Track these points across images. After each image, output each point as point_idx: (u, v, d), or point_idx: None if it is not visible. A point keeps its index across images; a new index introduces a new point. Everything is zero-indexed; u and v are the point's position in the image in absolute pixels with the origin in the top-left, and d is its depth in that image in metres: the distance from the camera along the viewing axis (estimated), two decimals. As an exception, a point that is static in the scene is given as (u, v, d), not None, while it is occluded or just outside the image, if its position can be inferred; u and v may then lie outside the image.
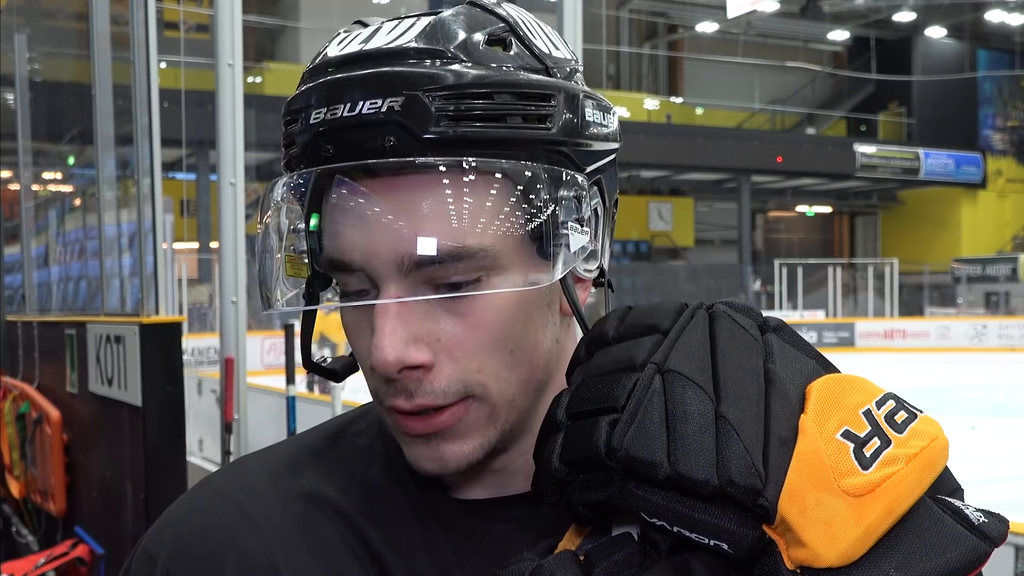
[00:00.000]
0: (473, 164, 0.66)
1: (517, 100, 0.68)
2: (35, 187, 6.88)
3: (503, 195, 0.68)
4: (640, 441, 0.57)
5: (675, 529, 0.58)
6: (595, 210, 0.74)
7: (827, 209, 35.08)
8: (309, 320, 0.79)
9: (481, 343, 0.70)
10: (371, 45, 0.69)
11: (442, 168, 0.66)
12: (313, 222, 0.70)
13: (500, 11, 0.73)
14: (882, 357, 23.59)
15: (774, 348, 0.63)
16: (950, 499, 0.60)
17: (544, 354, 0.74)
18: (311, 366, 0.80)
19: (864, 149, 29.61)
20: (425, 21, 0.70)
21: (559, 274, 0.70)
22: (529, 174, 0.68)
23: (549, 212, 0.69)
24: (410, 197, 0.67)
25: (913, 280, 30.81)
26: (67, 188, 6.26)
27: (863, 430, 0.58)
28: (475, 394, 0.71)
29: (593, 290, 0.81)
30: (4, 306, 6.91)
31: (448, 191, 0.67)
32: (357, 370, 0.81)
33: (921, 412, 0.61)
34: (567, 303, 0.75)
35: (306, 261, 0.73)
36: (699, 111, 32.30)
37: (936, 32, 32.41)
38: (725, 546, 0.57)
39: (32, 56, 6.51)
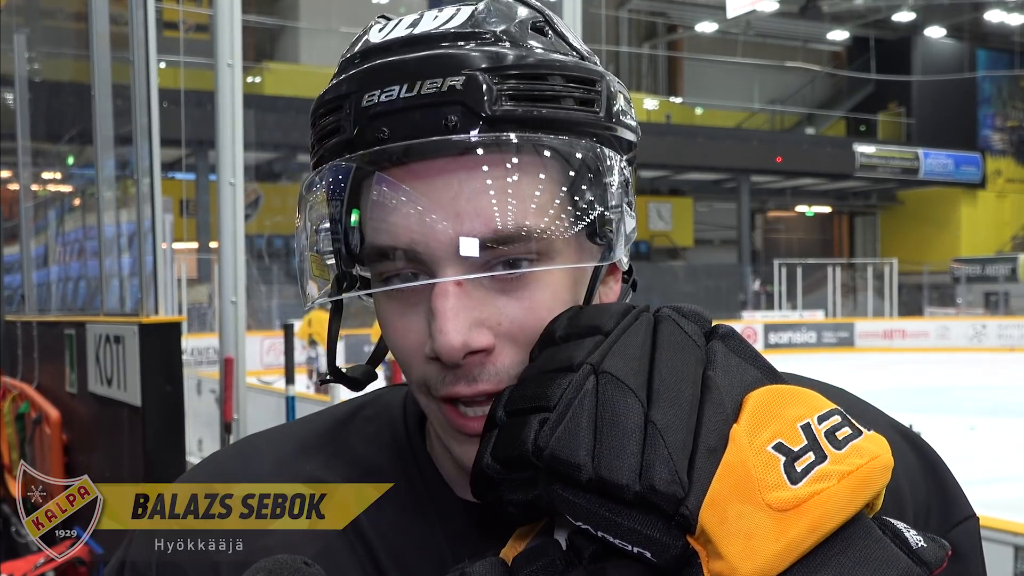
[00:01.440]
0: (532, 143, 0.66)
1: (568, 83, 0.68)
2: (34, 187, 6.88)
3: (561, 175, 0.67)
4: (565, 441, 0.57)
5: (600, 534, 0.57)
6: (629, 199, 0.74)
7: (826, 209, 35.08)
8: (335, 329, 0.78)
9: (541, 327, 0.68)
10: (420, 31, 0.69)
11: (496, 145, 0.65)
12: (354, 217, 0.69)
13: (532, 3, 0.74)
14: (881, 357, 23.58)
15: (717, 356, 0.62)
16: (892, 520, 0.58)
17: None
18: (337, 374, 0.78)
19: (863, 149, 29.61)
20: (468, 9, 0.71)
21: (620, 253, 0.71)
22: (585, 155, 0.68)
23: (605, 193, 0.69)
24: (469, 177, 0.66)
25: (912, 280, 30.80)
26: (66, 188, 6.26)
27: (797, 444, 0.56)
28: None
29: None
30: (4, 306, 6.91)
31: (508, 170, 0.66)
32: (376, 378, 0.80)
33: (868, 431, 0.59)
34: (605, 294, 0.76)
35: (328, 262, 0.71)
36: (698, 111, 32.30)
37: (935, 32, 32.41)
38: (648, 554, 0.56)
39: (31, 56, 6.51)
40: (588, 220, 0.68)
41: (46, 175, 6.86)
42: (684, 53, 32.99)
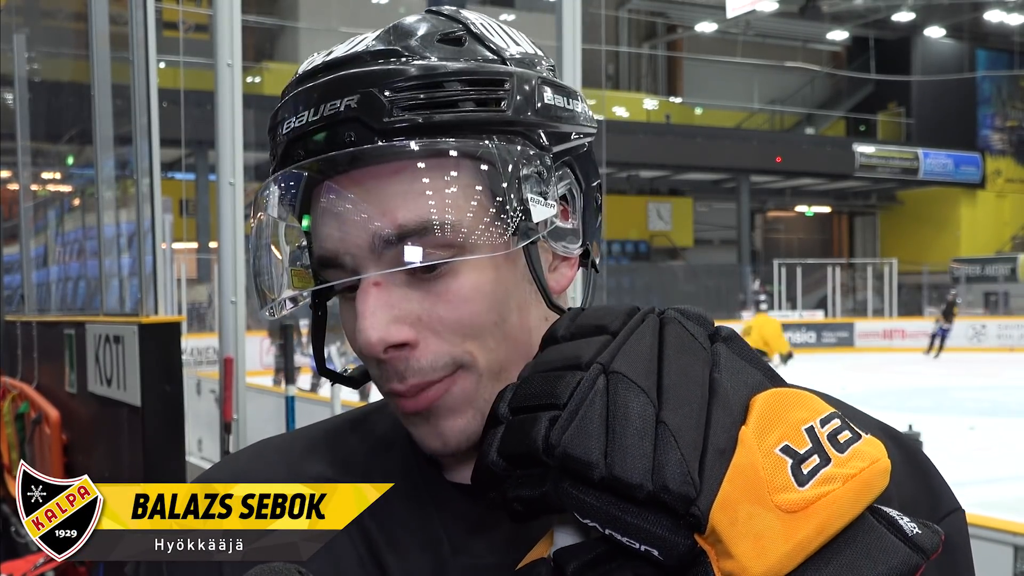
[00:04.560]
0: (416, 147, 0.70)
1: (467, 87, 0.72)
2: (34, 187, 6.88)
3: (459, 172, 0.71)
4: (578, 440, 0.58)
5: (607, 532, 0.58)
6: (570, 189, 0.77)
7: (826, 209, 35.10)
8: (319, 328, 0.82)
9: (462, 318, 0.72)
10: (331, 57, 0.75)
11: (385, 153, 0.70)
12: (301, 226, 0.75)
13: (458, 16, 0.77)
14: (881, 357, 23.59)
15: (721, 358, 0.63)
16: (885, 508, 0.59)
17: (531, 329, 0.76)
18: (326, 373, 0.83)
19: (863, 149, 29.62)
20: (375, 32, 0.76)
21: (518, 244, 0.72)
22: (480, 151, 0.71)
23: (505, 185, 0.71)
24: (373, 184, 0.71)
25: (912, 280, 30.81)
26: (66, 188, 6.26)
27: (803, 447, 0.58)
28: (464, 364, 0.73)
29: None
30: (3, 306, 6.91)
31: (403, 172, 0.70)
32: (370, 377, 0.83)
33: (866, 434, 0.61)
34: (556, 281, 0.78)
35: (304, 267, 0.76)
36: (698, 111, 32.31)
37: (935, 32, 32.42)
38: (656, 552, 0.57)
39: (31, 56, 6.51)
40: (488, 213, 0.71)
41: (46, 175, 6.86)
42: (684, 53, 32.99)
